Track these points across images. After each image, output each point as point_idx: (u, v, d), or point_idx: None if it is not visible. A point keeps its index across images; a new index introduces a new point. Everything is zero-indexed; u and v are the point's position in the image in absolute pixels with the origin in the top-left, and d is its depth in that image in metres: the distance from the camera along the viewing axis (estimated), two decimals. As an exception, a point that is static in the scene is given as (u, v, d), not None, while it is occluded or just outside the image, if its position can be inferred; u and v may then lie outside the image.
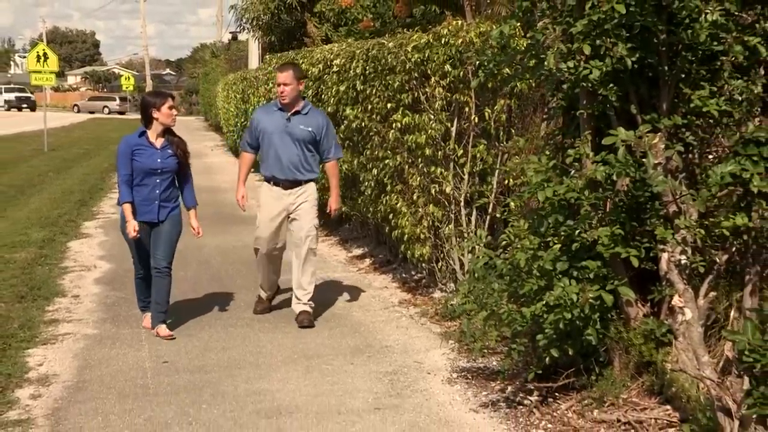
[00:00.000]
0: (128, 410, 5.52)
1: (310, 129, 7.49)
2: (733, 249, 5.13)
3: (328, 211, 8.02)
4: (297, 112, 7.52)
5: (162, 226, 7.03)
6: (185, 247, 6.76)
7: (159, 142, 6.97)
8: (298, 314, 7.57)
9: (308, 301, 7.60)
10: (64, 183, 19.04)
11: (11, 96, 70.42)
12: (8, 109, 65.42)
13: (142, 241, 6.98)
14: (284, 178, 7.51)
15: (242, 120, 22.86)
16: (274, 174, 7.54)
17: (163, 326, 7.07)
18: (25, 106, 69.63)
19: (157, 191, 6.96)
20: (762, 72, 5.19)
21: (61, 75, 72.68)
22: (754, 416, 4.52)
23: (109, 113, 70.11)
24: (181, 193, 7.28)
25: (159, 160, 6.93)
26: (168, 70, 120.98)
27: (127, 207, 6.84)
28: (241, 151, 8.03)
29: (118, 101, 72.87)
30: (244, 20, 24.63)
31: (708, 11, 4.95)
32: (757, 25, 5.11)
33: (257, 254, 7.80)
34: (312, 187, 7.64)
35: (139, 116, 7.64)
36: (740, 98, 5.16)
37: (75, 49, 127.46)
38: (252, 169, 8.31)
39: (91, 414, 5.43)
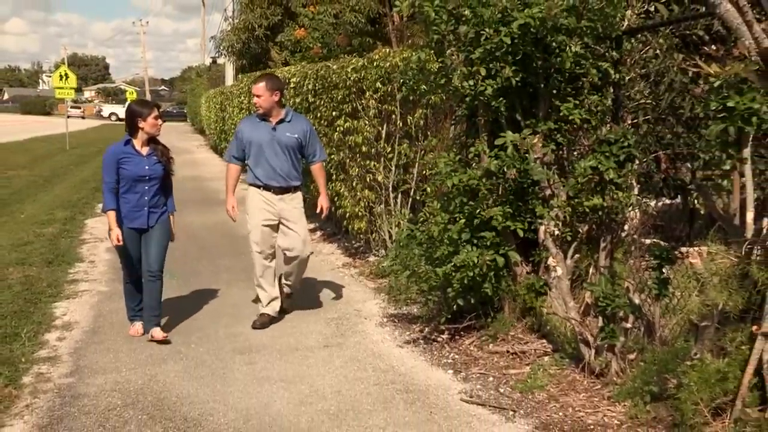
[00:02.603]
0: (134, 349, 5.44)
1: (296, 136, 6.09)
2: (592, 222, 5.20)
3: (318, 210, 6.41)
4: (281, 121, 6.09)
5: (152, 232, 5.70)
6: (176, 223, 6.56)
7: (145, 150, 5.62)
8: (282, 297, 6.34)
9: (291, 291, 6.45)
10: (82, 174, 18.72)
11: (176, 109, 70.86)
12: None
13: (131, 247, 5.62)
14: (277, 185, 6.07)
15: (221, 125, 22.71)
16: (267, 182, 6.06)
17: (158, 329, 5.65)
18: (184, 117, 67.93)
19: (146, 198, 5.61)
20: (611, 90, 5.26)
21: (78, 90, 70.88)
22: (605, 345, 4.62)
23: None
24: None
25: (147, 167, 5.58)
26: (163, 87, 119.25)
27: (111, 215, 5.52)
28: (228, 163, 6.38)
29: None
30: (222, 48, 24.42)
31: (572, 44, 5.01)
32: (607, 54, 5.18)
33: (254, 259, 6.22)
34: (300, 194, 6.24)
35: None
36: (596, 109, 5.24)
37: (90, 70, 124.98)
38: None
39: (105, 352, 5.35)
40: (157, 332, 5.62)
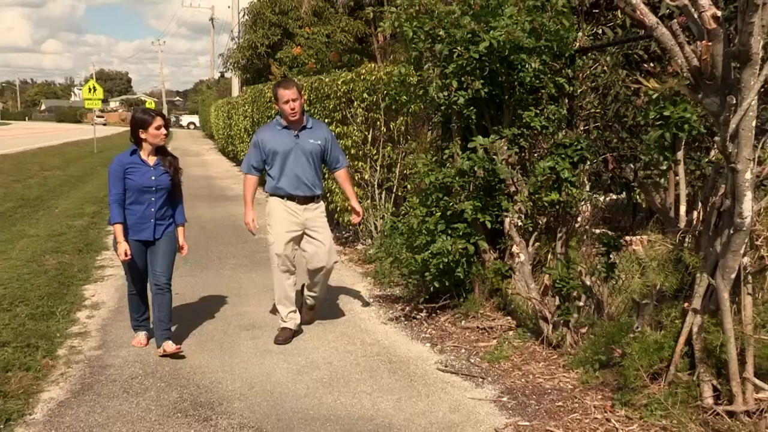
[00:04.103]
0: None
1: (318, 142, 5.19)
2: (550, 215, 5.23)
3: (354, 217, 5.54)
4: (303, 128, 5.20)
5: (158, 244, 4.87)
6: (188, 217, 6.47)
7: (151, 160, 4.81)
8: (304, 312, 5.48)
9: (314, 303, 5.50)
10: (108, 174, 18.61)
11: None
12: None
13: (137, 259, 4.81)
14: (302, 195, 5.14)
15: (228, 130, 22.68)
16: (290, 191, 5.12)
17: (169, 342, 4.84)
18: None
19: (153, 209, 4.79)
20: (566, 101, 5.29)
21: (105, 101, 70.47)
22: (561, 321, 4.66)
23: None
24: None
25: (153, 178, 4.76)
26: (178, 98, 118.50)
27: (118, 228, 4.70)
28: (245, 174, 5.35)
29: None
30: (229, 64, 24.37)
31: (532, 61, 5.03)
32: (563, 71, 5.21)
33: (274, 273, 5.26)
34: (322, 202, 5.36)
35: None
36: (553, 117, 5.25)
37: (115, 84, 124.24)
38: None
39: (128, 328, 5.28)
40: (170, 345, 4.84)
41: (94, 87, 28.38)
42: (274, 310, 5.45)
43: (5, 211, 11.21)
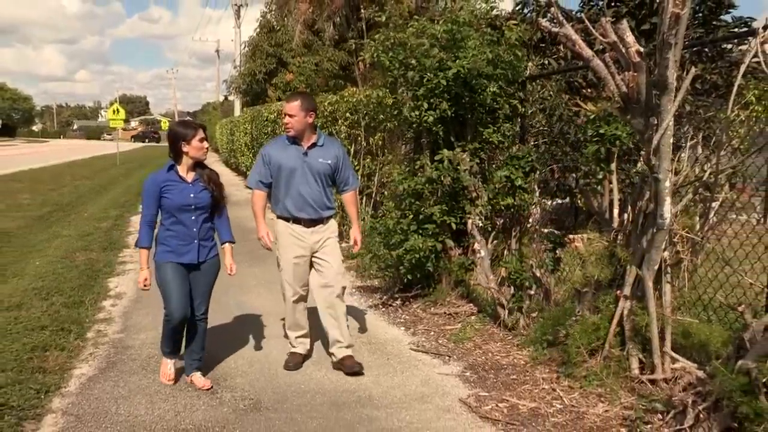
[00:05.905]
0: (166, 315, 5.41)
1: (329, 162, 4.14)
2: (506, 217, 5.28)
3: (352, 243, 4.44)
4: (313, 145, 4.14)
5: (201, 271, 3.89)
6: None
7: (190, 177, 3.80)
8: (343, 359, 4.19)
9: (349, 343, 4.28)
10: (129, 182, 18.45)
11: None
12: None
13: (179, 284, 3.79)
14: (308, 217, 4.13)
15: (230, 145, 22.61)
16: (296, 213, 4.13)
17: (198, 375, 3.95)
18: None
19: (195, 229, 3.79)
20: (519, 120, 5.35)
21: (127, 121, 69.58)
22: (516, 307, 4.69)
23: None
24: (216, 229, 4.01)
25: (192, 196, 3.76)
26: (188, 117, 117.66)
27: (144, 253, 3.79)
28: (253, 189, 4.30)
29: None
30: (231, 88, 24.53)
31: (490, 86, 5.09)
32: (516, 95, 5.27)
33: (285, 299, 4.32)
34: (333, 223, 4.27)
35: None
36: (508, 134, 5.31)
37: (135, 106, 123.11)
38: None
39: (145, 315, 5.31)
40: (198, 379, 3.94)
41: (117, 109, 28.63)
42: (287, 335, 4.46)
43: (43, 215, 11.17)
